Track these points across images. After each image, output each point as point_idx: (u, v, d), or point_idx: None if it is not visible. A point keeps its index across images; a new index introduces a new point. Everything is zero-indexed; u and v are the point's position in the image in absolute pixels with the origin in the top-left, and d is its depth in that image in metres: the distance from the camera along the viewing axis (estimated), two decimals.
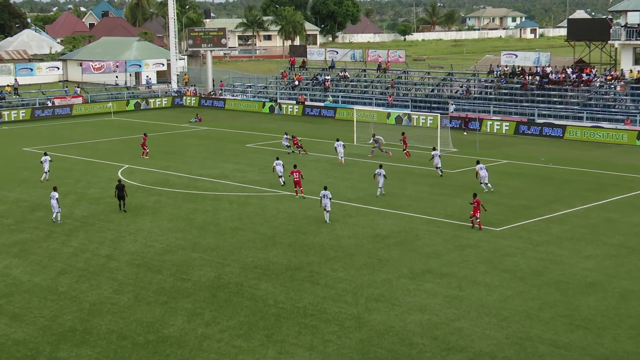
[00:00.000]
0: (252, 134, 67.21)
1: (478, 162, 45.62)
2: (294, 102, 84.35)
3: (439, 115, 61.11)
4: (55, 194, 39.31)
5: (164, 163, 54.91)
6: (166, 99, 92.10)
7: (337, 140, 54.39)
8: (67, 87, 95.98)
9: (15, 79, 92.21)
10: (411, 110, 74.73)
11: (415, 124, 72.26)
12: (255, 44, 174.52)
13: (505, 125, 68.21)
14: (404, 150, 55.87)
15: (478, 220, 36.69)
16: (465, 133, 67.83)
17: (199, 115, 79.55)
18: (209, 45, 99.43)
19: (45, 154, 49.73)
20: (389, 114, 72.77)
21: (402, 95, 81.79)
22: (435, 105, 76.10)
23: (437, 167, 49.23)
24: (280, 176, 46.25)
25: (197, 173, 51.35)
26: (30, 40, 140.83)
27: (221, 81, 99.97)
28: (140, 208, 42.09)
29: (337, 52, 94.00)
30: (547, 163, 53.56)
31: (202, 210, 41.60)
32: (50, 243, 35.91)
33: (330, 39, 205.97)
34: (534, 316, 26.32)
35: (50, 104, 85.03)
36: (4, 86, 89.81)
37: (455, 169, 51.73)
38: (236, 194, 45.36)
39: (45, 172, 48.80)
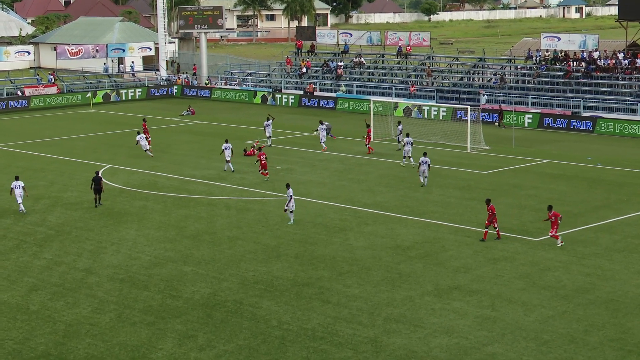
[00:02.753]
0: (252, 129, 67.32)
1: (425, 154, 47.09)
2: (302, 92, 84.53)
3: (468, 107, 61.17)
4: (20, 182, 41.98)
5: (151, 163, 55.10)
6: (140, 90, 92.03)
7: (321, 123, 57.73)
8: (39, 74, 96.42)
9: None
10: (437, 102, 74.84)
11: (426, 116, 72.41)
12: (257, 25, 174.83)
13: (546, 119, 68.19)
14: (367, 144, 57.12)
15: (497, 229, 36.65)
16: (497, 125, 67.87)
17: (191, 107, 79.82)
18: (203, 27, 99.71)
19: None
20: (396, 105, 72.94)
21: (426, 84, 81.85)
22: (464, 96, 76.15)
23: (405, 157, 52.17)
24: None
25: (189, 174, 51.51)
26: None
27: (194, 64, 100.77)
28: (124, 214, 42.25)
29: (351, 35, 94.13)
30: (595, 163, 53.52)
31: (195, 217, 41.74)
32: (20, 254, 36.08)
33: (344, 19, 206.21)
34: (579, 340, 26.32)
35: (20, 94, 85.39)
36: None
37: (488, 169, 51.76)
38: (234, 198, 45.50)
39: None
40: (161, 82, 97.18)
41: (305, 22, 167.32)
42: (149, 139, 58.63)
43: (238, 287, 31.58)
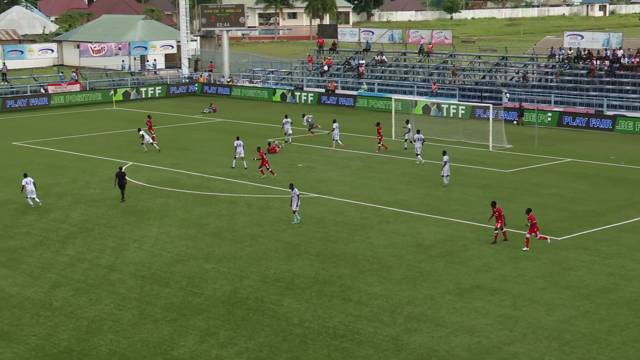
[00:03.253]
0: (273, 127, 67.37)
1: (445, 153, 46.84)
2: (323, 90, 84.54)
3: (490, 105, 60.97)
4: (30, 179, 43.04)
5: (173, 160, 55.31)
6: (160, 88, 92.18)
7: (335, 122, 58.56)
8: (62, 72, 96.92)
9: (4, 63, 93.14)
10: (458, 100, 74.68)
11: (445, 114, 72.28)
12: (278, 23, 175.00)
13: (566, 118, 67.87)
14: (379, 143, 57.05)
15: (503, 231, 36.36)
16: (517, 123, 67.66)
17: (213, 105, 79.98)
18: (225, 25, 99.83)
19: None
20: (415, 103, 72.83)
21: (448, 82, 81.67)
22: (486, 94, 75.90)
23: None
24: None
25: (210, 172, 51.66)
26: (20, 18, 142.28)
27: (210, 62, 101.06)
28: (146, 212, 42.45)
29: (373, 33, 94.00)
30: (619, 162, 53.23)
31: (217, 214, 41.87)
32: (44, 251, 36.33)
33: (365, 17, 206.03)
34: (601, 340, 26.21)
35: (43, 92, 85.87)
36: None
37: (510, 168, 51.61)
38: (255, 195, 45.59)
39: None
40: (183, 80, 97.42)
41: (326, 20, 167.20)
42: (154, 135, 60.12)
43: (259, 284, 31.65)
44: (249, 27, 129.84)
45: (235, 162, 52.03)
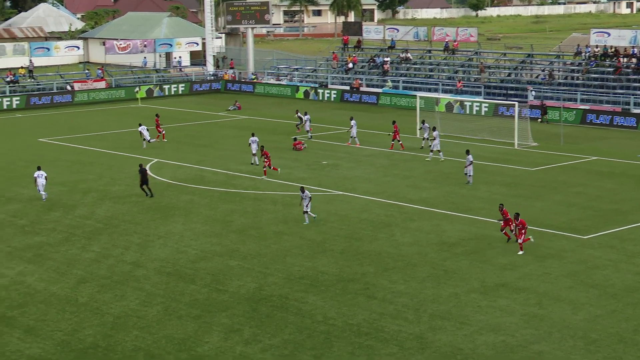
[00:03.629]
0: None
1: (468, 152, 46.50)
2: (348, 87, 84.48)
3: (516, 103, 60.71)
4: (43, 172, 44.04)
5: (198, 157, 55.47)
6: (183, 85, 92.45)
7: (352, 119, 58.55)
8: (88, 69, 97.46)
9: (30, 60, 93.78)
10: (484, 98, 74.41)
11: (467, 112, 72.06)
12: (303, 21, 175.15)
13: (589, 115, 67.43)
14: (394, 140, 56.75)
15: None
16: (540, 121, 67.36)
17: (237, 102, 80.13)
18: (250, 22, 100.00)
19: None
20: (437, 100, 72.61)
21: (473, 80, 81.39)
22: (512, 92, 75.58)
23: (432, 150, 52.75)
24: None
25: (235, 169, 51.76)
26: (46, 15, 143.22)
27: (231, 59, 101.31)
28: (171, 208, 42.60)
29: (398, 30, 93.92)
30: None
31: (241, 211, 41.95)
32: (69, 247, 36.55)
33: (390, 14, 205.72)
34: (628, 340, 26.05)
35: (69, 89, 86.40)
36: (18, 68, 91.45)
37: (536, 166, 51.38)
38: (280, 193, 45.63)
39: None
40: (208, 77, 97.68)
41: (351, 18, 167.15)
42: (163, 132, 61.10)
43: (284, 281, 31.69)
44: (273, 24, 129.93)
45: (254, 159, 52.19)
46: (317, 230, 38.23)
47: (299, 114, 63.74)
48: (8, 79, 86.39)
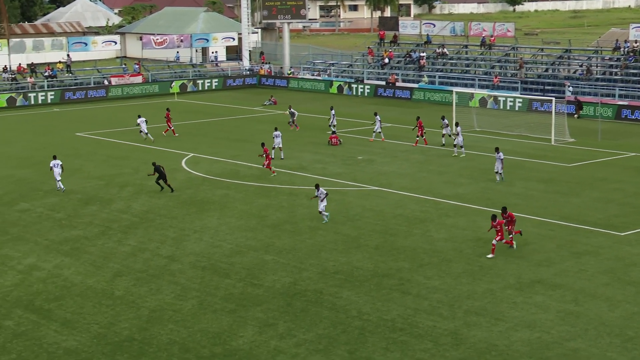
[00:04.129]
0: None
1: (497, 150, 45.77)
2: (384, 82, 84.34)
3: (553, 99, 60.28)
4: (58, 162, 44.91)
5: (233, 152, 55.67)
6: (217, 80, 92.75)
7: (376, 115, 58.87)
8: (125, 64, 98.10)
9: (68, 55, 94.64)
10: (521, 93, 73.98)
11: (501, 107, 71.63)
12: (340, 16, 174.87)
13: (624, 111, 66.76)
14: (418, 136, 56.53)
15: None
16: (576, 116, 66.85)
17: (273, 97, 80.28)
18: (286, 17, 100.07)
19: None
20: (471, 95, 72.22)
21: (510, 75, 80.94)
22: (549, 87, 75.06)
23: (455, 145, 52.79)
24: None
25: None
26: (84, 10, 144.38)
27: (262, 53, 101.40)
28: (206, 203, 42.81)
29: (435, 25, 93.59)
30: None
31: (276, 206, 42.06)
32: (106, 241, 36.86)
33: (427, 9, 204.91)
34: None
35: (106, 83, 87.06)
36: (56, 63, 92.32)
37: (573, 162, 51.01)
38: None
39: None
40: (244, 72, 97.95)
41: (388, 13, 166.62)
42: (172, 127, 61.64)
43: (318, 276, 31.74)
44: (310, 19, 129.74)
45: (282, 154, 52.63)
46: (351, 226, 38.25)
47: (291, 109, 64.74)
48: (46, 74, 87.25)
